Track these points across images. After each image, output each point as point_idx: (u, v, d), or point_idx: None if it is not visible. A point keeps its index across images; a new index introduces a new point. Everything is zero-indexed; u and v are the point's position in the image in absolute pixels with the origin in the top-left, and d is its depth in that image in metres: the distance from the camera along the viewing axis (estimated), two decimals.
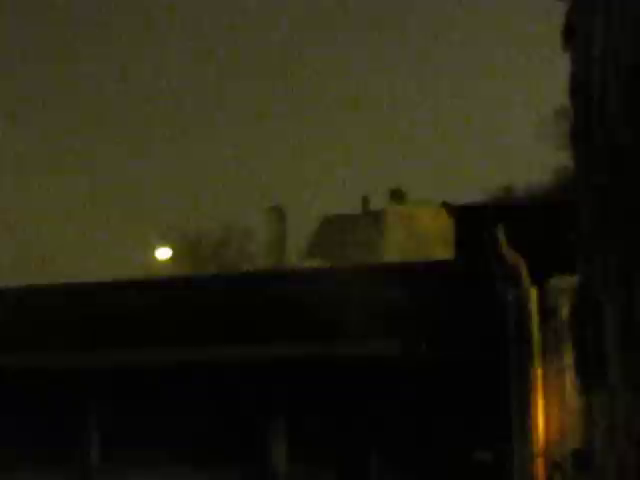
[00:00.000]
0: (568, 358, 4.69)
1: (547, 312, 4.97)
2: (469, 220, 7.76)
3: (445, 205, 10.31)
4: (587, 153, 1.48)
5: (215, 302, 9.00)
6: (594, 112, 1.38)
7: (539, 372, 5.31)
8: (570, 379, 4.75)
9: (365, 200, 41.23)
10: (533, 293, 5.36)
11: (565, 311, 4.87)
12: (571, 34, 1.72)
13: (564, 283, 4.92)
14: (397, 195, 39.47)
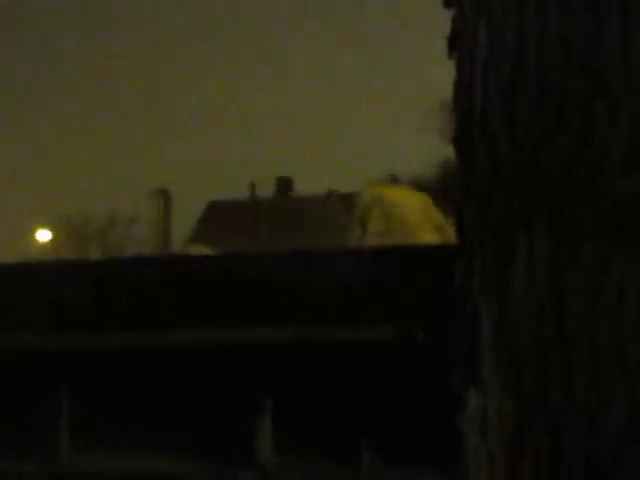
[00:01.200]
0: None
1: None
2: None
3: (330, 193, 10.59)
4: (467, 160, 1.52)
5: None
6: (475, 121, 1.42)
7: None
8: None
9: (252, 187, 41.20)
10: None
11: None
12: (456, 41, 1.75)
13: None
14: (284, 183, 39.63)
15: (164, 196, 41.10)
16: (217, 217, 39.44)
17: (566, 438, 1.49)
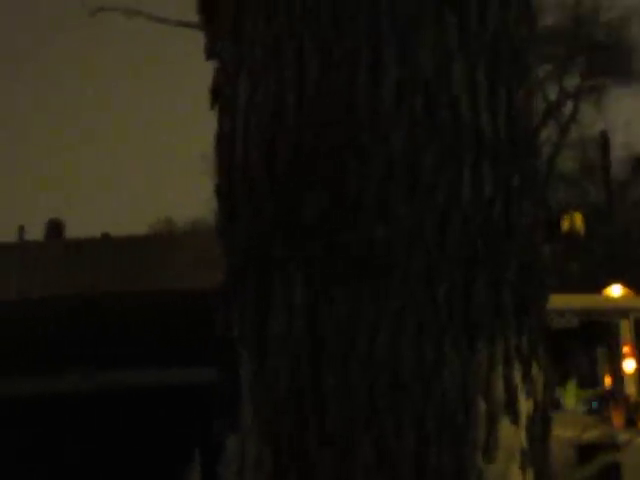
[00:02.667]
0: None
1: None
2: None
3: (105, 237, 10.35)
4: (229, 209, 1.55)
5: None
6: (236, 171, 1.43)
7: None
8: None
9: (21, 229, 39.79)
10: None
11: None
12: (218, 94, 1.76)
13: None
14: (55, 226, 38.44)
15: None
16: None
17: None
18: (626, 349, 5.67)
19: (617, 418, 5.52)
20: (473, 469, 1.52)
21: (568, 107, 21.01)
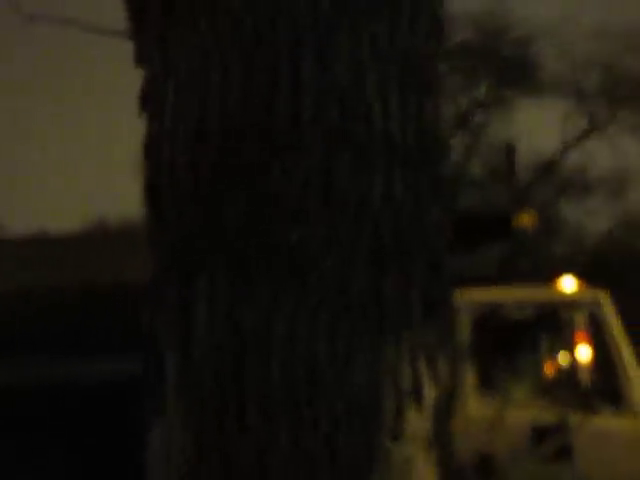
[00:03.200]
0: None
1: None
2: None
3: (41, 234, 10.35)
4: (156, 210, 1.61)
5: None
6: (163, 174, 1.50)
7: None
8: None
9: None
10: None
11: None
12: (146, 100, 1.82)
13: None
14: None
15: None
16: None
17: (236, 469, 1.62)
18: (579, 337, 5.93)
19: (570, 402, 5.74)
20: (381, 452, 1.63)
21: (479, 116, 22.58)
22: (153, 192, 1.81)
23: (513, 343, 6.11)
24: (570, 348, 6.04)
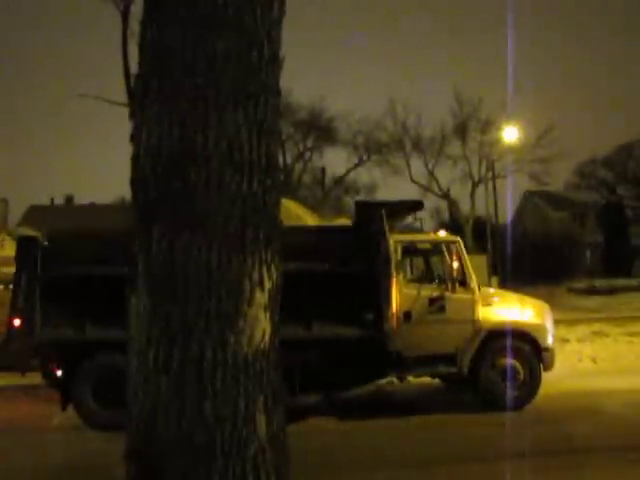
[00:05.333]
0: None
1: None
2: None
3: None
4: (138, 187, 2.91)
5: None
6: (140, 174, 2.82)
7: (394, 278, 11.44)
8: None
9: None
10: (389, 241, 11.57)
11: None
12: (133, 138, 2.87)
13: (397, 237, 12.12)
14: None
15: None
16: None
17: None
18: (449, 258, 12.39)
19: (444, 286, 12.27)
20: (242, 314, 3.42)
21: (307, 154, 54.82)
22: (136, 184, 3.59)
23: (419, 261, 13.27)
24: (445, 263, 12.43)
